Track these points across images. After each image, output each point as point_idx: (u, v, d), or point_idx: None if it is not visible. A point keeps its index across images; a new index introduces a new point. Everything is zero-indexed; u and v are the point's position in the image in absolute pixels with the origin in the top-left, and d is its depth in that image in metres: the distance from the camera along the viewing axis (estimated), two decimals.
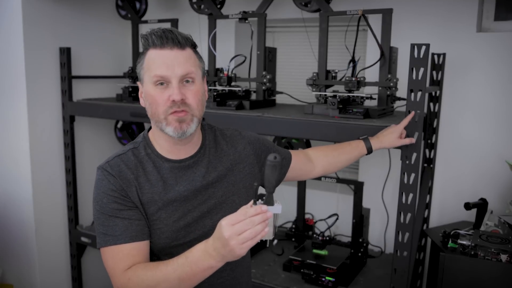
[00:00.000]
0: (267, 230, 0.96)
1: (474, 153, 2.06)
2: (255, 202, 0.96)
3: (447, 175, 2.13)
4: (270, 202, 0.97)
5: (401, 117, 1.82)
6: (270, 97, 2.17)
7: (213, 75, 2.19)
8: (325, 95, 1.91)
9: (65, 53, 2.41)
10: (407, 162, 1.53)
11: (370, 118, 1.75)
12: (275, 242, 2.32)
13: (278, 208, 0.97)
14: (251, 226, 0.93)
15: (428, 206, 2.14)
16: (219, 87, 2.11)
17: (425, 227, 2.14)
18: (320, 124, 1.71)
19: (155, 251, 1.17)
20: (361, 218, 2.02)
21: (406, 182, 1.53)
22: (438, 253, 1.64)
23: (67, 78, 2.42)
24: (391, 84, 1.80)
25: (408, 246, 1.55)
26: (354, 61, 1.88)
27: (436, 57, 2.01)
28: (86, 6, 2.58)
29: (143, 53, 1.16)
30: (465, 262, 1.56)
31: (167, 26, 1.40)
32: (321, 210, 2.34)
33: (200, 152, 1.22)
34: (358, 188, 2.03)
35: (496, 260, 1.52)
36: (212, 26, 2.18)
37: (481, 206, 1.83)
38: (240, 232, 0.93)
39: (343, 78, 1.91)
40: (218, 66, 2.21)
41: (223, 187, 1.22)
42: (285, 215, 2.44)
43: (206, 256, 0.99)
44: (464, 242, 1.59)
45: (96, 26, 2.65)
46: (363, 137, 1.57)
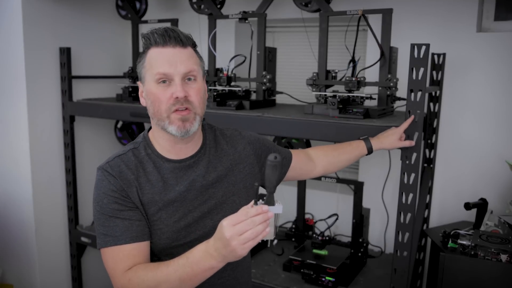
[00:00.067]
0: (268, 230, 0.96)
1: (474, 153, 2.06)
2: (256, 202, 0.96)
3: (447, 175, 2.13)
4: (271, 202, 0.97)
5: (401, 117, 1.82)
6: (270, 97, 2.17)
7: (213, 75, 2.19)
8: (325, 95, 1.91)
9: (65, 53, 2.41)
10: (407, 162, 1.53)
11: (370, 118, 1.75)
12: (275, 242, 2.33)
13: (279, 208, 0.97)
14: (252, 226, 0.93)
15: (428, 206, 2.14)
16: (219, 87, 2.11)
17: (425, 227, 2.14)
18: (320, 124, 1.71)
19: (156, 252, 1.16)
20: (361, 218, 2.02)
21: (406, 182, 1.53)
22: (438, 253, 1.64)
23: (67, 78, 2.42)
24: (391, 84, 1.80)
25: (408, 246, 1.55)
26: (354, 61, 1.88)
27: (436, 57, 2.02)
28: (86, 6, 2.58)
29: (144, 52, 1.16)
30: (465, 262, 1.56)
31: (168, 26, 1.41)
32: (321, 210, 2.34)
33: (200, 152, 1.22)
34: (358, 188, 2.03)
35: (496, 260, 1.52)
36: (212, 26, 2.18)
37: (481, 206, 1.83)
38: (241, 232, 0.93)
39: (343, 78, 1.91)
40: (218, 66, 2.21)
41: (223, 187, 1.22)
42: (285, 215, 2.44)
43: (207, 256, 0.99)
44: (464, 242, 1.59)
45: (96, 26, 2.65)
46: (364, 137, 1.57)
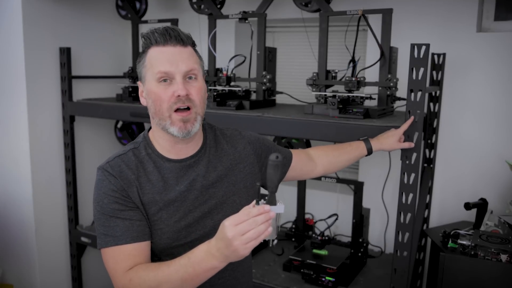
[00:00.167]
0: (270, 230, 0.95)
1: (474, 153, 2.06)
2: (258, 202, 0.96)
3: (447, 175, 2.13)
4: (273, 202, 0.96)
5: (401, 117, 1.82)
6: (270, 97, 2.17)
7: (213, 75, 2.19)
8: (325, 95, 1.91)
9: (65, 53, 2.41)
10: (407, 162, 1.53)
11: (370, 118, 1.75)
12: (275, 242, 2.32)
13: (280, 207, 0.97)
14: (254, 226, 0.93)
15: (428, 206, 2.14)
16: (219, 87, 2.11)
17: (425, 227, 2.14)
18: (320, 124, 1.71)
19: (156, 252, 1.16)
20: (361, 218, 2.02)
21: (406, 182, 1.53)
22: (438, 253, 1.64)
23: (67, 78, 2.42)
24: (391, 84, 1.80)
25: (408, 246, 1.55)
26: (354, 61, 1.88)
27: (436, 57, 2.01)
28: (86, 6, 2.58)
29: (144, 51, 1.16)
30: (465, 262, 1.56)
31: (168, 25, 1.41)
32: (321, 210, 2.34)
33: (201, 151, 1.22)
34: (358, 188, 2.03)
35: (496, 260, 1.52)
36: (212, 26, 2.18)
37: (481, 206, 1.83)
38: (243, 232, 0.93)
39: (343, 78, 1.91)
40: (218, 66, 2.21)
41: (224, 187, 1.22)
42: (285, 215, 2.44)
43: (209, 256, 0.99)
44: (464, 242, 1.59)
45: (96, 26, 2.65)
46: (364, 138, 1.57)
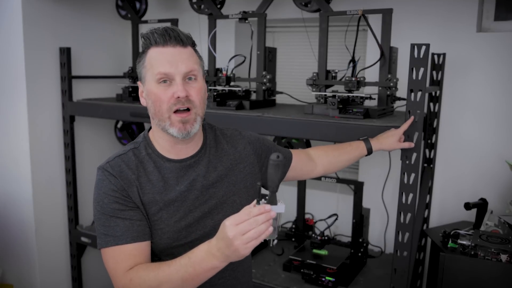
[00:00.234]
0: (271, 229, 0.95)
1: (474, 153, 2.06)
2: (259, 202, 0.96)
3: (447, 175, 2.13)
4: (273, 202, 0.96)
5: (401, 117, 1.82)
6: (270, 97, 2.17)
7: (213, 75, 2.19)
8: (325, 95, 1.91)
9: (65, 53, 2.41)
10: (407, 162, 1.53)
11: (370, 118, 1.75)
12: (275, 242, 2.32)
13: (281, 207, 0.97)
14: (255, 225, 0.93)
15: (428, 206, 2.14)
16: (219, 87, 2.11)
17: (425, 227, 2.14)
18: (320, 124, 1.71)
19: (157, 252, 1.16)
20: (361, 218, 2.02)
21: (406, 182, 1.53)
22: (438, 253, 1.64)
23: (67, 78, 2.42)
24: (391, 84, 1.80)
25: (408, 246, 1.55)
26: (354, 61, 1.88)
27: (436, 57, 2.01)
28: (86, 6, 2.58)
29: (144, 51, 1.16)
30: (465, 262, 1.56)
31: (167, 25, 1.41)
32: (321, 210, 2.34)
33: (201, 151, 1.22)
34: (358, 188, 2.03)
35: (496, 260, 1.52)
36: (212, 26, 2.18)
37: (481, 206, 1.83)
38: (244, 232, 0.93)
39: (343, 78, 1.91)
40: (218, 66, 2.21)
41: (224, 187, 1.22)
42: (285, 215, 2.44)
43: (209, 256, 0.99)
44: (464, 242, 1.59)
45: (96, 26, 2.65)
46: (363, 138, 1.57)
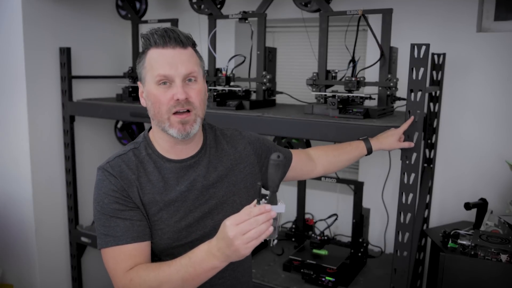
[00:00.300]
0: (271, 229, 0.95)
1: (474, 153, 2.06)
2: (259, 202, 0.96)
3: (447, 175, 2.13)
4: (274, 202, 0.96)
5: (401, 117, 1.82)
6: (270, 97, 2.17)
7: (213, 75, 2.19)
8: (325, 95, 1.91)
9: (65, 53, 2.41)
10: (407, 162, 1.53)
11: (370, 118, 1.75)
12: (275, 242, 2.32)
13: (281, 207, 0.97)
14: (256, 225, 0.93)
15: (428, 206, 2.14)
16: (219, 87, 2.11)
17: (425, 227, 2.14)
18: (320, 124, 1.71)
19: (157, 252, 1.16)
20: (361, 218, 2.02)
21: (406, 182, 1.53)
22: (438, 253, 1.64)
23: (67, 78, 2.42)
24: (391, 84, 1.80)
25: (408, 246, 1.55)
26: (354, 61, 1.88)
27: (436, 57, 2.01)
28: (86, 6, 2.58)
29: (144, 52, 1.16)
30: (465, 262, 1.56)
31: (167, 26, 1.41)
32: (321, 210, 2.34)
33: (201, 152, 1.22)
34: (358, 188, 2.03)
35: (496, 260, 1.52)
36: (212, 26, 2.18)
37: (481, 206, 1.83)
38: (244, 231, 0.93)
39: (343, 78, 1.91)
40: (218, 66, 2.21)
41: (224, 187, 1.22)
42: (285, 215, 2.44)
43: (210, 256, 0.99)
44: (464, 242, 1.59)
45: (96, 26, 2.65)
46: (363, 137, 1.57)
